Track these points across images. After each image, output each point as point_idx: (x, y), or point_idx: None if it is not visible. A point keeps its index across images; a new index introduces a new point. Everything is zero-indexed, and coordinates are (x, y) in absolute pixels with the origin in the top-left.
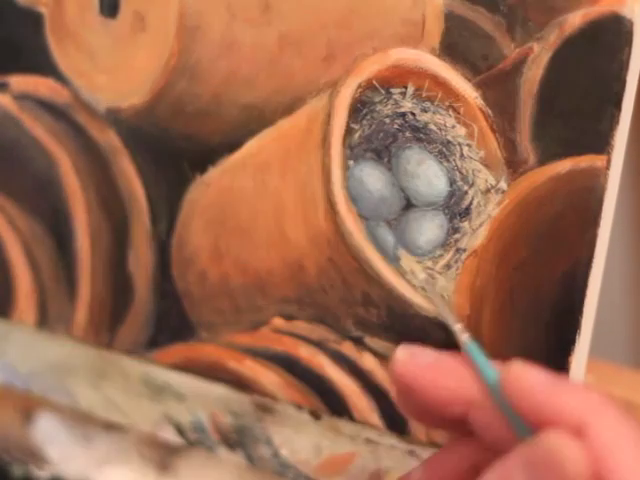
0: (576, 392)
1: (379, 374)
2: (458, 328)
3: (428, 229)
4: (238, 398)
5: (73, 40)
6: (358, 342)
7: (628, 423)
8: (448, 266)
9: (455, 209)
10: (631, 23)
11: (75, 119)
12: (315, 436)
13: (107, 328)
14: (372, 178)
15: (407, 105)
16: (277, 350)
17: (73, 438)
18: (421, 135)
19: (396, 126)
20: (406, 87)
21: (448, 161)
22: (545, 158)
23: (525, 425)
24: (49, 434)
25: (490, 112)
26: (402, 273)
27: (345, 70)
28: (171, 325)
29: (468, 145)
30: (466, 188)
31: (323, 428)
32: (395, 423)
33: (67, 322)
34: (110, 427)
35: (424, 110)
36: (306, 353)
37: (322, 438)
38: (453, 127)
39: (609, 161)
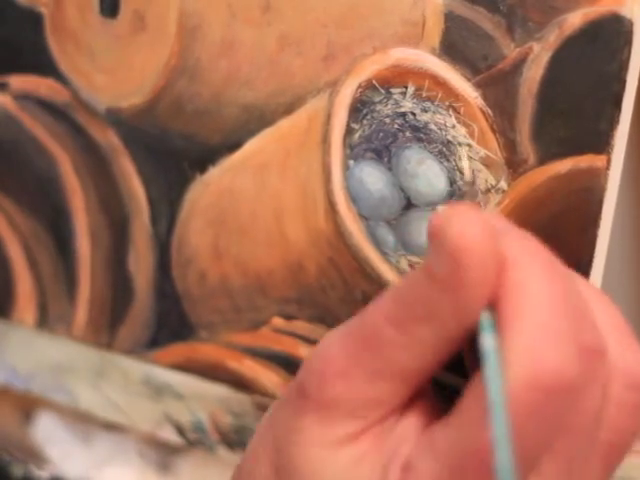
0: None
1: None
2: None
3: None
4: (238, 398)
5: (73, 40)
6: None
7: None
8: None
9: None
10: (631, 23)
11: (75, 119)
12: None
13: (107, 328)
14: (372, 178)
15: (407, 105)
16: (277, 350)
17: (73, 438)
18: (421, 135)
19: (396, 126)
20: (406, 87)
21: (448, 161)
22: (545, 158)
23: None
24: (49, 434)
25: (490, 112)
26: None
27: (345, 70)
28: (171, 325)
29: (468, 145)
30: (466, 188)
31: None
32: None
33: (67, 322)
34: (110, 427)
35: (424, 110)
36: (306, 353)
37: None
38: (453, 127)
39: (609, 161)
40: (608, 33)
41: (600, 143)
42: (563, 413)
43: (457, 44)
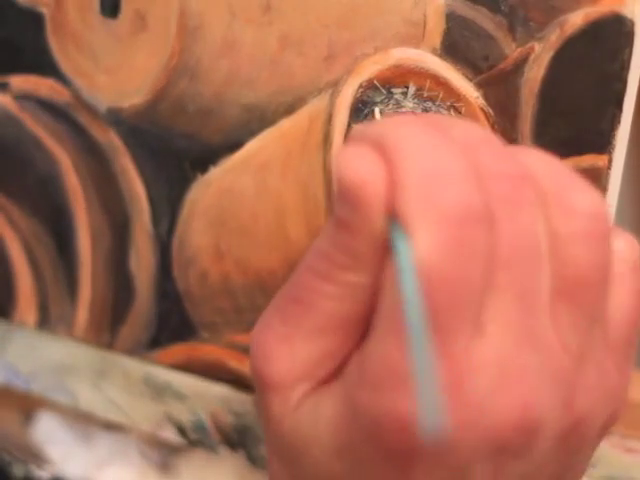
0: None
1: None
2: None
3: None
4: (239, 398)
5: (74, 40)
6: None
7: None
8: None
9: None
10: (632, 23)
11: (76, 119)
12: None
13: (108, 328)
14: None
15: (408, 105)
16: None
17: (73, 438)
18: None
19: None
20: (407, 87)
21: None
22: None
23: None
24: (49, 434)
25: (491, 112)
26: None
27: (346, 70)
28: (172, 325)
29: None
30: None
31: None
32: None
33: (68, 322)
34: (111, 427)
35: (425, 110)
36: None
37: None
38: None
39: (610, 161)
40: (609, 33)
41: (601, 143)
42: (485, 245)
43: (458, 44)
